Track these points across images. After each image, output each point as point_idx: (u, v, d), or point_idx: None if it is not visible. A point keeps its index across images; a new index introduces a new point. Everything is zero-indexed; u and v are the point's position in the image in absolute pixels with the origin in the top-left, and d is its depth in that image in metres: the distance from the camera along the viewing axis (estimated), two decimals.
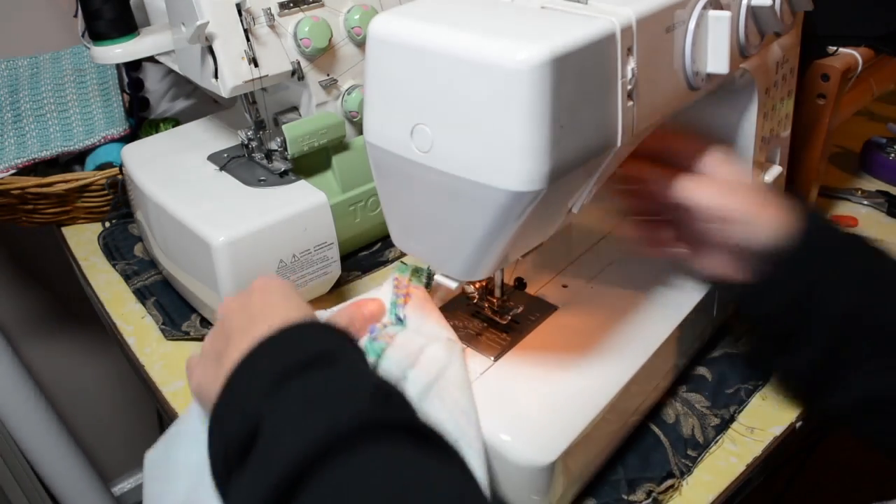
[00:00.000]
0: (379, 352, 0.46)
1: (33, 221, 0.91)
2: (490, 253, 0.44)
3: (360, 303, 0.51)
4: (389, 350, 0.46)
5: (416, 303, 0.51)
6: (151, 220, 0.73)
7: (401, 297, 0.51)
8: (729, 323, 0.68)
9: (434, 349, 0.48)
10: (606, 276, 0.63)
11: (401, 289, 0.52)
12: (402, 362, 0.46)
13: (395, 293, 0.51)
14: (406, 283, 0.52)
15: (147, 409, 1.49)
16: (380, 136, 0.44)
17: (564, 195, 0.43)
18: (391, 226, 0.50)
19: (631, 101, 0.42)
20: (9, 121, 0.91)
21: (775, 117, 0.64)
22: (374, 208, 0.78)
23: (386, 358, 0.46)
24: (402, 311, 0.50)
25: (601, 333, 0.56)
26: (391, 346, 0.47)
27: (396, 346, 0.47)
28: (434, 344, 0.48)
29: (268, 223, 0.65)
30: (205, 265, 0.64)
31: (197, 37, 0.64)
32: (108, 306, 0.77)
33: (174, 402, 0.65)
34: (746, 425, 0.59)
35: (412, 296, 0.51)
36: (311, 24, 0.69)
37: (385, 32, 0.42)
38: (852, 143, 0.97)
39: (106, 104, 0.95)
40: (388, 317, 0.50)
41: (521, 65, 0.36)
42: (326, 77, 0.73)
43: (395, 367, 0.46)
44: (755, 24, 0.53)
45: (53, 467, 1.23)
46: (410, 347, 0.47)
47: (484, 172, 0.40)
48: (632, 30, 0.41)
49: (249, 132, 0.74)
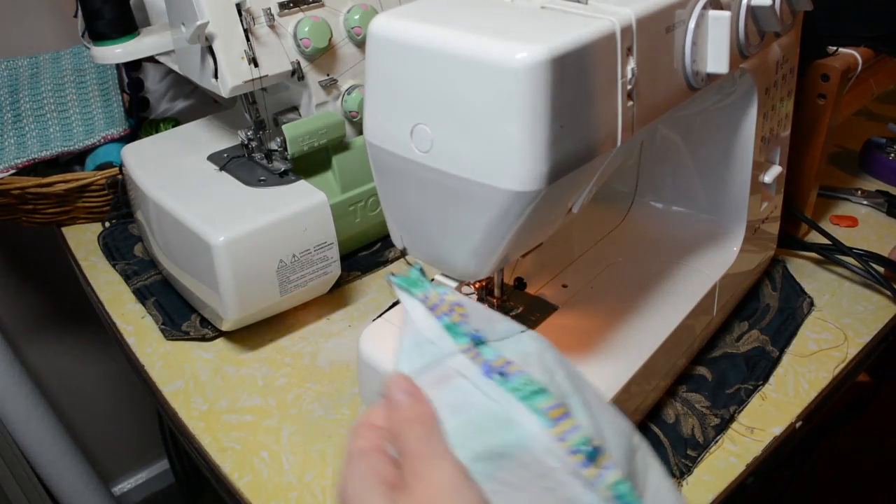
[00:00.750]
0: (527, 389, 0.35)
1: (33, 221, 0.91)
2: (490, 253, 0.44)
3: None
4: (519, 377, 0.36)
5: (469, 310, 0.39)
6: (151, 220, 0.73)
7: (452, 315, 0.39)
8: (729, 323, 0.68)
9: (537, 346, 0.38)
10: (606, 276, 0.63)
11: (440, 305, 0.39)
12: (542, 377, 0.37)
13: (439, 316, 0.39)
14: (433, 295, 0.39)
15: (147, 409, 1.49)
16: (380, 135, 0.44)
17: (564, 195, 0.43)
18: (391, 226, 0.50)
19: (631, 101, 0.42)
20: (9, 121, 0.91)
21: (775, 117, 0.64)
22: (374, 208, 0.78)
23: (529, 385, 0.35)
24: (466, 327, 0.38)
25: (601, 333, 0.56)
26: (519, 373, 0.36)
27: (519, 367, 0.36)
28: (532, 342, 0.39)
29: (268, 223, 0.65)
30: (205, 265, 0.64)
31: (197, 37, 0.64)
32: (108, 306, 0.77)
33: (174, 402, 0.65)
34: (746, 425, 0.59)
35: (454, 303, 0.39)
36: (311, 24, 0.69)
37: (385, 32, 0.42)
38: (852, 143, 0.97)
39: (106, 104, 0.95)
40: (458, 342, 0.37)
41: (521, 65, 0.36)
42: (326, 77, 0.73)
43: (540, 382, 0.36)
44: (755, 24, 0.53)
45: (53, 467, 1.23)
46: (528, 359, 0.37)
47: (484, 172, 0.40)
48: (632, 30, 0.41)
49: (249, 132, 0.74)
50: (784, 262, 0.76)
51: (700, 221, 0.68)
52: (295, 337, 0.71)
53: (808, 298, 0.71)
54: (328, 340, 0.71)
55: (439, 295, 0.39)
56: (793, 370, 0.64)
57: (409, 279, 0.40)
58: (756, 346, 0.66)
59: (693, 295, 0.61)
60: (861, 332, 0.67)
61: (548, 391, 0.35)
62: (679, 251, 0.66)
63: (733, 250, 0.65)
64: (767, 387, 0.62)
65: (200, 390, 0.66)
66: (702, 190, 0.67)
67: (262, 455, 0.59)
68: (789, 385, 0.62)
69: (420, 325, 0.38)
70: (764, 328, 0.67)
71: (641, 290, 0.61)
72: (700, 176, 0.67)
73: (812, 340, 0.67)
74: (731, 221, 0.66)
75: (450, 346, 0.37)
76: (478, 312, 0.39)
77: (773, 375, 0.63)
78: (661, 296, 0.60)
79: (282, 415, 0.63)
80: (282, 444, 0.60)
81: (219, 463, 0.59)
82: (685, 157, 0.67)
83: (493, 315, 0.39)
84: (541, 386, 0.35)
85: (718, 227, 0.67)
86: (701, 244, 0.66)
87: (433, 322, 0.38)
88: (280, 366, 0.68)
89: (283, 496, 0.55)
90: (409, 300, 0.39)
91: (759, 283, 0.73)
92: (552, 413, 0.34)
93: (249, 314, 0.67)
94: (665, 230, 0.69)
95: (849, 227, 0.82)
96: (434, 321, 0.38)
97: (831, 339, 0.67)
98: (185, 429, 0.62)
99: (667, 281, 0.62)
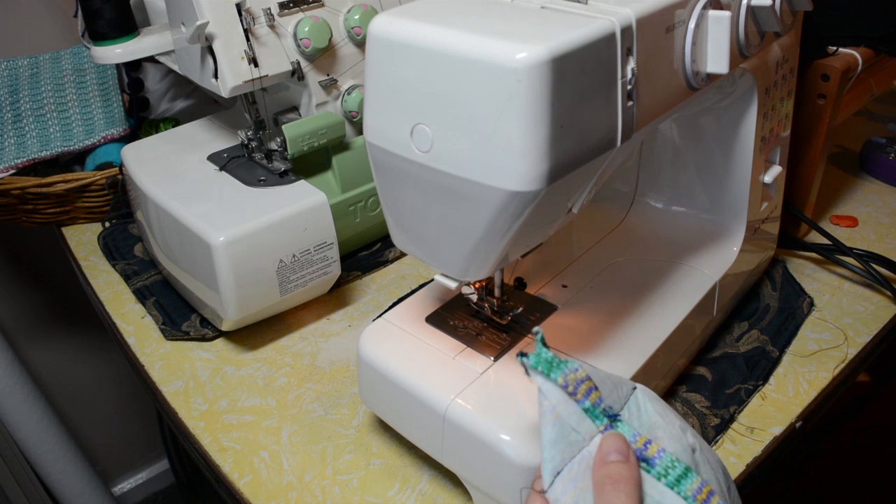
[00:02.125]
0: (673, 474, 0.36)
1: (33, 221, 0.91)
2: (490, 253, 0.44)
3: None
4: (661, 460, 0.37)
5: (596, 381, 0.39)
6: (151, 220, 0.73)
7: (591, 395, 0.38)
8: (729, 323, 0.68)
9: (652, 406, 0.39)
10: (606, 276, 0.63)
11: (579, 386, 0.38)
12: (684, 453, 0.37)
13: (580, 399, 0.38)
14: (573, 378, 0.38)
15: (147, 409, 1.49)
16: (380, 135, 0.44)
17: (564, 195, 0.43)
18: (391, 226, 0.50)
19: (631, 101, 0.42)
20: (9, 121, 0.91)
21: (775, 117, 0.64)
22: (374, 208, 0.78)
23: (673, 469, 0.36)
24: (603, 405, 0.38)
25: (601, 333, 0.56)
26: (660, 454, 0.37)
27: (659, 447, 0.37)
28: (646, 401, 0.40)
29: (268, 223, 0.65)
30: (205, 265, 0.64)
31: (197, 37, 0.64)
32: (108, 306, 0.77)
33: (174, 402, 0.65)
34: (746, 425, 0.59)
35: (586, 378, 0.38)
36: (311, 24, 0.69)
37: (385, 32, 0.42)
38: (852, 143, 0.97)
39: (106, 104, 0.95)
40: (597, 424, 0.38)
41: (521, 65, 0.36)
42: (326, 77, 0.73)
43: (680, 461, 0.37)
44: (755, 24, 0.53)
45: (53, 467, 1.23)
46: (655, 431, 0.38)
47: (484, 172, 0.40)
48: (632, 30, 0.41)
49: (249, 132, 0.74)
50: (784, 262, 0.76)
51: (700, 221, 0.68)
52: (295, 337, 0.71)
53: (808, 298, 0.71)
54: (328, 340, 0.71)
55: (574, 374, 0.38)
56: (793, 370, 0.64)
57: (543, 359, 0.38)
58: (756, 346, 0.66)
59: (693, 295, 0.61)
60: (861, 332, 0.67)
61: (691, 471, 0.36)
62: (679, 251, 0.66)
63: (733, 250, 0.65)
64: (767, 387, 0.62)
65: (200, 390, 0.66)
66: (702, 190, 0.67)
67: (262, 455, 0.59)
68: (789, 385, 0.62)
69: (561, 411, 0.37)
70: (764, 328, 0.67)
71: (641, 290, 0.61)
72: (700, 176, 0.67)
73: (812, 340, 0.67)
74: (731, 221, 0.66)
75: (590, 429, 0.38)
76: (602, 382, 0.39)
77: (773, 375, 0.63)
78: (661, 296, 0.60)
79: (282, 415, 0.63)
80: (282, 444, 0.60)
81: (219, 463, 0.59)
82: (685, 157, 0.67)
83: (610, 377, 0.39)
84: (684, 466, 0.36)
85: (718, 227, 0.67)
86: (701, 244, 0.66)
87: (573, 407, 0.38)
88: (280, 366, 0.68)
89: (283, 496, 0.55)
90: (549, 386, 0.38)
91: (760, 283, 0.73)
92: (699, 497, 0.36)
93: (249, 314, 0.67)
94: (665, 230, 0.69)
95: (849, 227, 0.82)
96: (574, 406, 0.38)
97: (831, 339, 0.67)
98: (185, 429, 0.62)
99: (667, 281, 0.62)
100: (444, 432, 0.50)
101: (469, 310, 0.58)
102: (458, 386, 0.51)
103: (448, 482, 0.56)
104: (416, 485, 0.56)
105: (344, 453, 0.59)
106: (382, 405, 0.56)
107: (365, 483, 0.56)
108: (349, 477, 0.57)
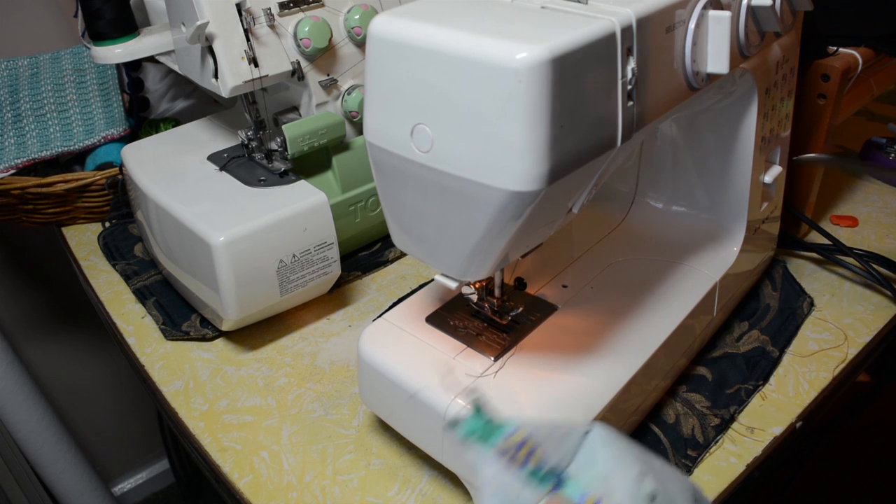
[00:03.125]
0: None
1: (33, 221, 0.91)
2: (490, 253, 0.44)
3: None
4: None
5: (538, 439, 0.37)
6: (151, 220, 0.73)
7: (533, 457, 0.36)
8: (729, 323, 0.68)
9: (607, 452, 0.38)
10: (606, 276, 0.63)
11: (518, 456, 0.36)
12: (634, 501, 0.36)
13: (521, 465, 0.36)
14: (511, 443, 0.36)
15: (147, 409, 1.49)
16: (380, 135, 0.44)
17: (564, 195, 0.43)
18: (391, 226, 0.50)
19: (631, 101, 0.42)
20: (9, 121, 0.91)
21: (775, 117, 0.64)
22: (374, 208, 0.78)
23: None
24: (546, 466, 0.36)
25: (601, 333, 0.56)
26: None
27: (616, 501, 0.36)
28: (601, 447, 0.38)
29: (268, 223, 0.65)
30: (205, 265, 0.64)
31: (197, 37, 0.64)
32: (108, 306, 0.77)
33: (174, 401, 0.65)
34: (746, 425, 0.59)
35: (525, 441, 0.37)
36: (311, 24, 0.69)
37: (385, 32, 0.42)
38: (852, 143, 0.97)
39: (106, 104, 0.95)
40: (543, 486, 0.36)
41: (521, 65, 0.36)
42: (326, 77, 0.73)
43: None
44: (755, 24, 0.53)
45: (53, 467, 1.23)
46: (611, 483, 0.36)
47: (484, 172, 0.40)
48: (632, 30, 0.41)
49: (249, 132, 0.74)
50: (784, 262, 0.76)
51: (700, 221, 0.68)
52: (295, 337, 0.71)
53: (808, 298, 0.71)
54: (328, 340, 0.71)
55: (512, 437, 0.36)
56: (793, 370, 0.64)
57: (475, 427, 0.36)
58: (756, 346, 0.66)
59: (693, 295, 0.61)
60: (861, 332, 0.67)
61: None
62: (679, 251, 0.66)
63: (733, 250, 0.65)
64: (767, 387, 0.62)
65: (200, 390, 0.66)
66: (702, 190, 0.67)
67: (262, 455, 0.59)
68: (789, 385, 0.62)
69: (502, 480, 0.36)
70: (764, 328, 0.67)
71: (641, 290, 0.61)
72: (700, 176, 0.67)
73: (812, 340, 0.67)
74: (731, 221, 0.66)
75: (535, 494, 0.36)
76: (547, 439, 0.37)
77: (774, 375, 0.63)
78: (661, 296, 0.60)
79: (282, 415, 0.63)
80: (282, 444, 0.60)
81: (219, 463, 0.59)
82: (685, 157, 0.67)
83: (555, 430, 0.38)
84: None
85: (718, 227, 0.67)
86: (701, 244, 0.66)
87: (514, 475, 0.36)
88: (280, 366, 0.68)
89: (283, 496, 0.55)
90: (485, 458, 0.36)
91: (760, 283, 0.73)
92: None
93: (249, 314, 0.67)
94: (665, 230, 0.69)
95: (849, 227, 0.82)
96: (515, 472, 0.36)
97: (831, 339, 0.67)
98: (185, 429, 0.62)
99: (667, 281, 0.62)
100: (444, 432, 0.50)
101: (469, 310, 0.58)
102: (458, 386, 0.51)
103: (448, 482, 0.56)
104: (417, 485, 0.56)
105: (344, 453, 0.59)
106: (382, 405, 0.56)
107: (365, 483, 0.56)
108: (349, 477, 0.57)
